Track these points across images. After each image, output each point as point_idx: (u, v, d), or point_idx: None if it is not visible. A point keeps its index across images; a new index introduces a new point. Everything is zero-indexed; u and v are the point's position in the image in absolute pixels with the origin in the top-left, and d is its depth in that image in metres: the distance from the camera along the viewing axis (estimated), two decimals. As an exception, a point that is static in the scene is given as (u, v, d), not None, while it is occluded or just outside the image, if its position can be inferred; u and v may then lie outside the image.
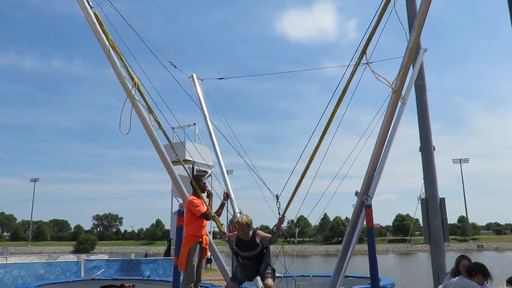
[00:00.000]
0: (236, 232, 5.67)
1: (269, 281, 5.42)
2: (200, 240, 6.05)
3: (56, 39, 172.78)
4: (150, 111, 6.07)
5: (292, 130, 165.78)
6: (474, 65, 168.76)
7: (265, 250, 5.64)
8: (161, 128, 6.22)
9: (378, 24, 4.79)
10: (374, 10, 5.36)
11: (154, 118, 6.12)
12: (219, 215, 6.52)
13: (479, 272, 4.57)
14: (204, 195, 6.43)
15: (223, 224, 6.67)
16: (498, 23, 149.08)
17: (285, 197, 6.51)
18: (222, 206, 6.59)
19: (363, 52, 4.95)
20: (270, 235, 5.65)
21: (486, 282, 4.69)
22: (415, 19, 4.56)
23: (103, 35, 5.75)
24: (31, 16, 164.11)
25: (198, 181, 6.36)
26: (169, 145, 6.72)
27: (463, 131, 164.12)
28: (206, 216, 6.07)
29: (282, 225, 5.92)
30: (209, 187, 6.66)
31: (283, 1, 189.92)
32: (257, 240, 5.59)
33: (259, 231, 5.67)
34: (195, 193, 6.29)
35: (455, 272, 5.24)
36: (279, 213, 6.31)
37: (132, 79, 5.95)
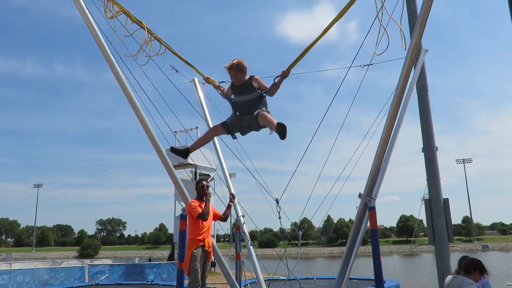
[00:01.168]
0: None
1: (263, 112, 5.08)
2: (202, 243, 6.01)
3: (58, 44, 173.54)
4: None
5: (294, 132, 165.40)
6: (475, 64, 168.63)
7: (261, 98, 5.24)
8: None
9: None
10: (375, 11, 5.37)
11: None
12: (226, 217, 6.53)
13: (477, 269, 4.61)
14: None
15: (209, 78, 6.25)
16: (499, 22, 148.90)
17: (285, 199, 6.51)
18: (229, 207, 6.59)
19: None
20: (268, 87, 5.25)
21: (483, 277, 4.73)
22: (416, 20, 4.55)
23: (103, 42, 5.76)
24: (33, 21, 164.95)
25: (196, 184, 6.38)
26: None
27: (465, 131, 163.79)
28: (203, 216, 6.03)
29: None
30: (210, 190, 6.63)
31: (283, 3, 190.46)
32: (254, 84, 5.22)
33: (256, 77, 5.29)
34: (197, 197, 6.30)
35: (459, 273, 5.22)
36: (279, 217, 6.28)
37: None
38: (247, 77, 5.30)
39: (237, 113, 5.36)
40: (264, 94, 5.27)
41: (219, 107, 8.97)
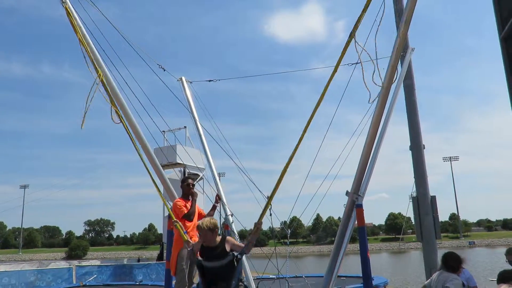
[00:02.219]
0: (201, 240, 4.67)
1: None
2: None
3: (45, 45, 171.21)
4: (112, 103, 5.62)
5: (283, 131, 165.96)
6: (462, 63, 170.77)
7: (235, 263, 4.49)
8: (122, 122, 5.59)
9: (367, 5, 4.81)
10: (361, 10, 5.39)
11: (116, 111, 5.56)
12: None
13: (458, 263, 4.71)
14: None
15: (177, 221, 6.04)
16: (484, 21, 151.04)
17: (276, 198, 6.51)
18: (213, 208, 6.55)
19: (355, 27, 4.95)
20: (242, 245, 4.59)
21: (462, 267, 4.85)
22: (401, 19, 4.59)
23: (91, 43, 5.70)
24: (20, 21, 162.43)
25: (182, 183, 6.34)
26: (159, 149, 6.68)
27: (452, 129, 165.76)
28: (188, 217, 6.00)
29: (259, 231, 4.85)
30: (200, 189, 6.60)
31: (271, 3, 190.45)
32: (227, 247, 4.55)
33: (229, 238, 4.74)
34: (183, 196, 6.26)
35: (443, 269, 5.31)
36: (270, 214, 6.29)
37: (97, 71, 5.60)
38: (218, 238, 4.62)
39: (208, 283, 4.55)
40: (239, 257, 4.53)
41: (206, 106, 8.97)
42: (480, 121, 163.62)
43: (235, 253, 4.52)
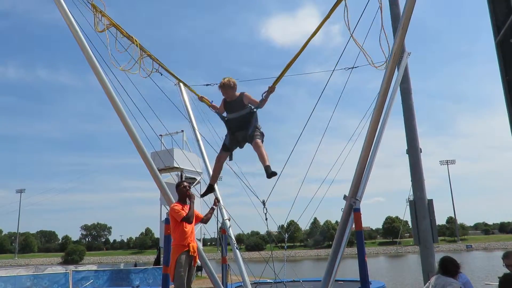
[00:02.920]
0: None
1: (258, 141, 5.58)
2: (187, 249, 5.93)
3: (40, 48, 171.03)
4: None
5: (280, 134, 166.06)
6: (457, 67, 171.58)
7: (253, 113, 5.71)
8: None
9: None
10: (358, 15, 5.43)
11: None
12: (208, 220, 6.47)
13: (455, 267, 4.71)
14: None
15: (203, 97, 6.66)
16: (479, 26, 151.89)
17: (272, 201, 6.52)
18: (211, 210, 6.53)
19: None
20: (257, 101, 5.69)
21: (459, 272, 4.85)
22: (399, 23, 4.60)
23: (85, 43, 5.69)
24: (14, 25, 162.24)
25: (177, 186, 6.29)
26: (155, 152, 6.67)
27: (448, 133, 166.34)
28: (188, 219, 5.94)
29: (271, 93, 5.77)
30: (194, 191, 6.58)
31: (267, 7, 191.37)
32: (244, 101, 5.69)
33: (246, 93, 5.75)
34: (180, 200, 6.21)
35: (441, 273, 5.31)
36: (266, 218, 6.29)
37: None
38: (238, 93, 5.77)
39: (231, 131, 5.84)
40: (254, 110, 5.72)
41: (204, 110, 8.96)
42: (476, 125, 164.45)
43: (252, 107, 5.68)
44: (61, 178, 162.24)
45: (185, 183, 6.31)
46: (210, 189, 6.41)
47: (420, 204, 8.11)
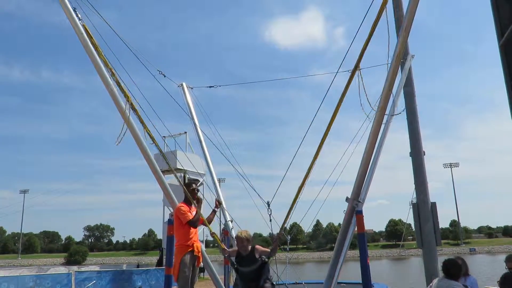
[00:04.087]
0: (235, 248, 5.88)
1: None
2: (191, 249, 5.95)
3: (45, 50, 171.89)
4: (145, 127, 6.05)
5: (283, 137, 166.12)
6: (461, 70, 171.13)
7: (264, 265, 5.73)
8: (154, 143, 6.21)
9: (372, 32, 4.84)
10: (361, 17, 5.43)
11: (149, 135, 6.11)
12: (210, 221, 6.46)
13: (459, 270, 4.69)
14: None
15: (215, 233, 6.62)
16: (484, 28, 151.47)
17: (276, 203, 6.51)
18: (213, 212, 6.54)
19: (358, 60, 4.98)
20: (269, 250, 5.78)
21: (469, 275, 4.83)
22: (401, 26, 4.61)
23: (93, 50, 5.71)
24: (20, 27, 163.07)
25: (188, 187, 6.29)
26: (159, 154, 6.68)
27: (452, 136, 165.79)
28: (193, 223, 5.94)
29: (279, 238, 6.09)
30: (200, 194, 6.58)
31: (271, 10, 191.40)
32: (256, 255, 5.71)
33: (257, 246, 5.80)
34: (186, 201, 6.21)
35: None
36: (270, 220, 6.31)
37: (126, 96, 5.89)
38: (249, 247, 5.79)
39: (242, 280, 5.78)
40: (266, 260, 5.75)
41: (207, 112, 8.98)
42: (480, 128, 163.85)
43: (263, 257, 5.69)
44: (64, 179, 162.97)
45: (194, 185, 6.33)
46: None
47: (423, 207, 8.09)
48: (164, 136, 23.35)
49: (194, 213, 6.06)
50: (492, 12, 4.82)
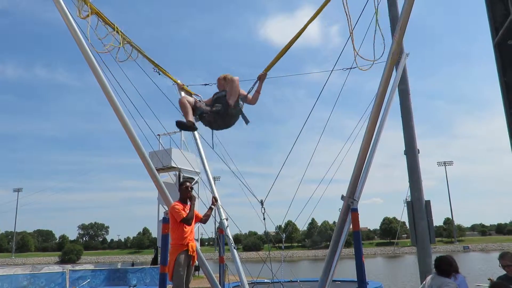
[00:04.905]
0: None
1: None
2: (186, 248, 5.94)
3: (39, 47, 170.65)
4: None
5: (278, 135, 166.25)
6: (455, 69, 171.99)
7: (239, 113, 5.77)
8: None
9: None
10: (356, 16, 5.44)
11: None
12: (206, 219, 6.46)
13: (451, 267, 4.70)
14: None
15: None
16: (478, 27, 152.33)
17: (270, 201, 6.51)
18: (210, 210, 6.54)
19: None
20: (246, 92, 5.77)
21: (459, 273, 4.84)
22: (397, 23, 4.61)
23: (87, 47, 5.68)
24: (13, 23, 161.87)
25: (180, 186, 6.29)
26: (154, 152, 6.66)
27: (446, 135, 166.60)
28: (187, 221, 5.94)
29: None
30: (194, 192, 6.57)
31: (266, 7, 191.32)
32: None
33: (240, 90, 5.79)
34: (180, 199, 6.21)
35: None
36: (264, 218, 6.29)
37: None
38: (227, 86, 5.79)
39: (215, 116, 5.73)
40: (241, 108, 5.79)
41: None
42: (474, 126, 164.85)
43: (240, 103, 5.65)
44: (58, 177, 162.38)
45: (188, 184, 6.32)
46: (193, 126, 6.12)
47: (418, 205, 8.12)
48: (159, 134, 23.27)
49: (188, 210, 6.06)
50: (486, 11, 4.84)
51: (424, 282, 5.07)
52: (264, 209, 6.79)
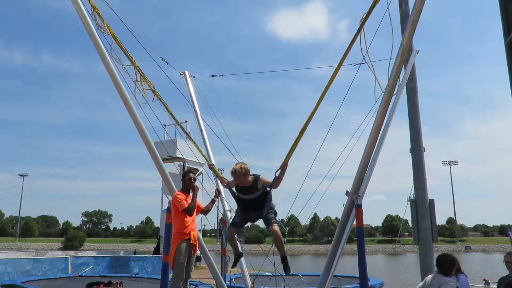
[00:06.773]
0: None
1: (275, 227, 5.44)
2: (188, 237, 5.98)
3: (47, 34, 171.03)
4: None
5: (283, 129, 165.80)
6: (464, 69, 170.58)
7: (266, 195, 5.50)
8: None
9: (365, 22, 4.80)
10: (365, 11, 5.38)
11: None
12: (208, 210, 6.49)
13: (451, 265, 4.68)
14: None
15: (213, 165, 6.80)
16: (489, 27, 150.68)
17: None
18: (212, 201, 6.56)
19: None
20: (271, 181, 5.50)
21: (461, 273, 4.82)
22: (408, 19, 4.57)
23: (97, 36, 5.69)
24: (21, 10, 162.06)
25: (183, 176, 6.32)
26: (159, 142, 6.68)
27: (452, 134, 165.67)
28: (189, 211, 5.97)
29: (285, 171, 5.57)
30: (199, 184, 6.60)
31: (274, 1, 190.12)
32: (258, 185, 5.46)
33: (262, 177, 5.52)
34: (183, 189, 6.24)
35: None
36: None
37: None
38: (251, 177, 5.47)
39: (243, 211, 5.68)
40: (269, 190, 5.51)
41: (209, 101, 8.96)
42: (480, 127, 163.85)
43: (266, 188, 5.46)
44: (64, 164, 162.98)
45: (191, 174, 6.34)
46: (240, 256, 6.39)
47: (421, 204, 8.09)
48: (165, 125, 23.29)
49: (190, 200, 6.10)
50: (499, 10, 4.78)
51: (424, 280, 5.07)
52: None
